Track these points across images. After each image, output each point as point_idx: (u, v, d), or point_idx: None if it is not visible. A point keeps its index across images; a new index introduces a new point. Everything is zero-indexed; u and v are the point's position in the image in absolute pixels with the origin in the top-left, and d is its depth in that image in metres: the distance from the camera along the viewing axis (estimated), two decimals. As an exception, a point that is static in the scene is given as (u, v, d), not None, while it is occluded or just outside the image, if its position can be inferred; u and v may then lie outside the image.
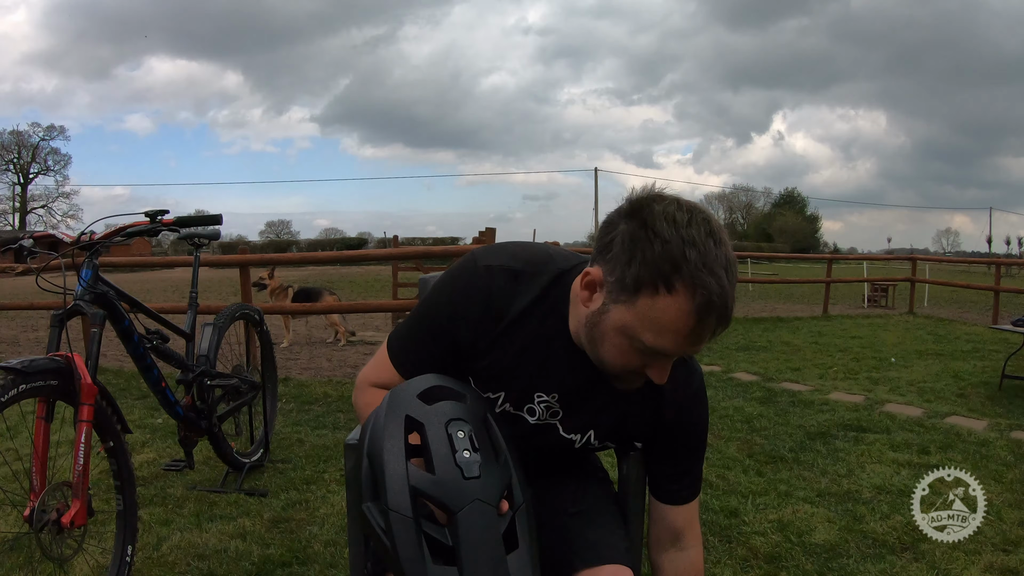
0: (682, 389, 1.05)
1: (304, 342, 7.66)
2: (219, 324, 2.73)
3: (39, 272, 1.87)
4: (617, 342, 0.90)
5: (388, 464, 0.84)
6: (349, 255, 7.34)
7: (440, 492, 0.83)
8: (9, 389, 1.56)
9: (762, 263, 28.21)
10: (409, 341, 1.06)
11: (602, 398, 1.04)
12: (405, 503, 0.82)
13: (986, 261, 23.72)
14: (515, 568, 0.84)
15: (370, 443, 0.87)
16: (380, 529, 0.83)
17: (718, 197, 69.07)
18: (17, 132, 50.18)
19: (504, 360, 1.02)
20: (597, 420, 1.06)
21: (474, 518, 0.83)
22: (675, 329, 0.85)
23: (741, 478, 2.93)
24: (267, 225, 64.55)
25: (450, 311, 1.01)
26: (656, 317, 0.85)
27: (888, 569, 2.10)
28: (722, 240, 0.85)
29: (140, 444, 3.35)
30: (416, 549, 0.81)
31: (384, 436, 0.86)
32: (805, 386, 4.90)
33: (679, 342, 0.86)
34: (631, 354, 0.90)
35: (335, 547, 2.25)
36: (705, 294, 0.82)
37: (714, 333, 0.86)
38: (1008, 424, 3.80)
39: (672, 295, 0.83)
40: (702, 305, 0.82)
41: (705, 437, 1.12)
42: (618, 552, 1.06)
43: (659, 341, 0.86)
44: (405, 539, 0.81)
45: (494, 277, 1.00)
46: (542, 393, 1.04)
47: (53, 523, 1.65)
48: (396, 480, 0.83)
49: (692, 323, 0.84)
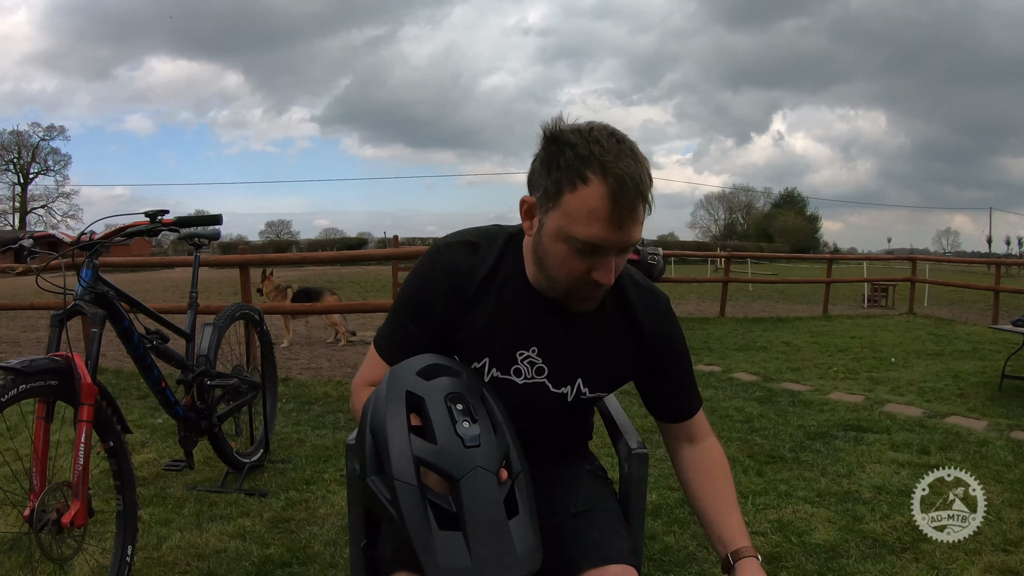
0: (651, 310, 1.12)
1: (304, 342, 7.66)
2: (219, 324, 2.73)
3: (39, 272, 1.87)
4: (557, 250, 0.98)
5: (391, 437, 0.87)
6: (349, 255, 7.36)
7: (442, 461, 0.86)
8: (9, 389, 1.56)
9: (762, 263, 28.20)
10: (392, 331, 1.12)
11: (580, 342, 1.10)
12: (409, 472, 0.85)
13: (986, 261, 23.72)
14: (517, 532, 0.87)
15: (372, 419, 0.90)
16: (386, 500, 0.85)
17: (718, 197, 69.21)
18: (17, 132, 50.29)
19: (479, 325, 1.08)
20: (581, 366, 1.11)
21: (476, 484, 0.86)
22: (598, 215, 0.92)
23: (741, 478, 2.93)
24: (267, 225, 64.70)
25: (422, 291, 1.09)
26: (580, 208, 0.93)
27: (888, 569, 2.10)
28: (624, 138, 0.95)
29: (140, 444, 3.35)
30: (422, 516, 0.84)
31: (386, 411, 0.89)
32: (805, 386, 4.90)
33: (606, 227, 0.93)
34: (572, 259, 0.97)
35: (335, 547, 2.25)
36: (617, 175, 0.91)
37: (634, 212, 0.94)
38: (1008, 424, 3.80)
39: (589, 185, 0.92)
40: (615, 186, 0.91)
41: (687, 351, 1.17)
42: (623, 552, 1.06)
43: (589, 231, 0.94)
44: (411, 507, 0.84)
45: (454, 252, 1.10)
46: (523, 350, 1.09)
47: (53, 523, 1.65)
48: (400, 451, 0.86)
49: (611, 205, 0.92)
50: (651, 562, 2.17)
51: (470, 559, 0.83)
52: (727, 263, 11.09)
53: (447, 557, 0.83)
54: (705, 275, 18.79)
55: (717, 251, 26.76)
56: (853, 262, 23.04)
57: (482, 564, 0.83)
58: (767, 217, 64.77)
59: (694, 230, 67.25)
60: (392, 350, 1.10)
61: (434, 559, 0.82)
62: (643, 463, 1.20)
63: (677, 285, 15.85)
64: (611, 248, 0.96)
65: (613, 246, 0.96)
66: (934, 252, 58.14)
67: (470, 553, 0.83)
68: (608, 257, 0.97)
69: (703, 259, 30.26)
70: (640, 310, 1.11)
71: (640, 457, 1.20)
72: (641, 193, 0.93)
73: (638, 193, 0.93)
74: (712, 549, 1.23)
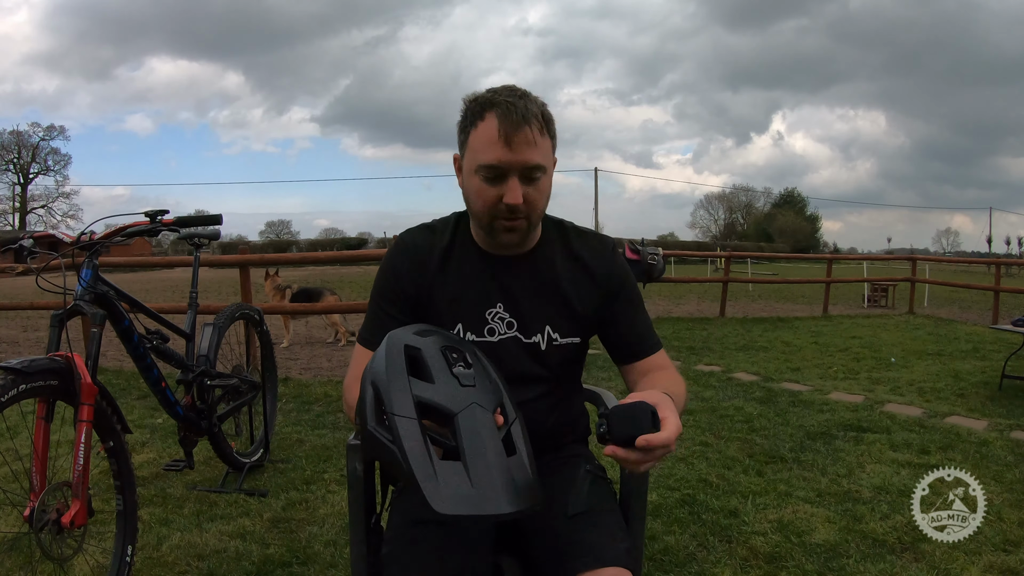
0: (599, 255, 1.23)
1: (304, 342, 7.66)
2: (219, 324, 2.73)
3: (39, 272, 1.87)
4: (473, 185, 1.12)
5: (391, 382, 0.91)
6: (349, 255, 7.35)
7: (440, 397, 0.91)
8: (9, 389, 1.56)
9: (762, 263, 28.20)
10: (372, 319, 1.23)
11: (540, 291, 1.20)
12: (409, 408, 0.88)
13: (986, 261, 23.70)
14: (515, 468, 0.89)
15: (373, 371, 0.94)
16: (387, 440, 0.87)
17: (718, 197, 69.18)
18: (17, 132, 50.30)
19: (447, 295, 1.20)
20: (545, 312, 1.20)
21: (473, 418, 0.90)
22: (492, 140, 1.07)
23: (741, 478, 2.93)
24: (267, 225, 64.72)
25: (391, 274, 1.21)
26: (479, 140, 1.09)
27: (888, 569, 2.10)
28: (516, 88, 1.12)
29: (140, 444, 3.35)
30: (422, 447, 0.86)
31: (385, 362, 0.93)
32: (805, 386, 4.90)
33: (500, 149, 1.07)
34: (484, 188, 1.10)
35: (335, 547, 2.25)
36: (503, 105, 1.07)
37: (522, 134, 1.06)
38: (1008, 424, 3.80)
39: (485, 120, 1.08)
40: (502, 114, 1.07)
41: (639, 293, 1.28)
42: (619, 555, 1.06)
43: (487, 155, 1.08)
44: (411, 440, 0.86)
45: (413, 235, 1.25)
46: (490, 308, 1.20)
47: (53, 523, 1.65)
48: (399, 392, 0.90)
49: (500, 129, 1.06)
50: (651, 562, 2.17)
51: (471, 485, 0.85)
52: (727, 263, 11.08)
53: (448, 484, 0.84)
54: (705, 275, 18.79)
55: (717, 251, 26.76)
56: (853, 262, 23.04)
57: (483, 490, 0.84)
58: (767, 217, 64.76)
59: (694, 230, 67.35)
60: (373, 334, 1.19)
61: (436, 487, 0.83)
62: None
63: (677, 285, 15.87)
64: (509, 168, 1.08)
65: (509, 166, 1.08)
66: (934, 252, 58.15)
67: (470, 480, 0.85)
68: (511, 179, 1.08)
69: (703, 259, 30.27)
70: (588, 256, 1.23)
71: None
72: (525, 118, 1.06)
73: (522, 118, 1.06)
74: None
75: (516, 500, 0.86)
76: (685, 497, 2.69)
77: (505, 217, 1.11)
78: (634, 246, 8.44)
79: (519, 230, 1.13)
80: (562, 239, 1.24)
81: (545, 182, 1.12)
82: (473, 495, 0.84)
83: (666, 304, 12.27)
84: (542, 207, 1.14)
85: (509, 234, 1.13)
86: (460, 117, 1.14)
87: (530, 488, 0.89)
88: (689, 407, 4.19)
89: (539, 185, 1.11)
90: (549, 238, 1.24)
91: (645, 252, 8.34)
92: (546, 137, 1.11)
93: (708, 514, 2.53)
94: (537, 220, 1.15)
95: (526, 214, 1.11)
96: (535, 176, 1.10)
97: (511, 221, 1.11)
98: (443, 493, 0.83)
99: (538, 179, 1.10)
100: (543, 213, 1.17)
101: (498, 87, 1.12)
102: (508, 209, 1.09)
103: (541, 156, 1.09)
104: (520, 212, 1.10)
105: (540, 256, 1.22)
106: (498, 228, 1.13)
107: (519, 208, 1.09)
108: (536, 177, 1.10)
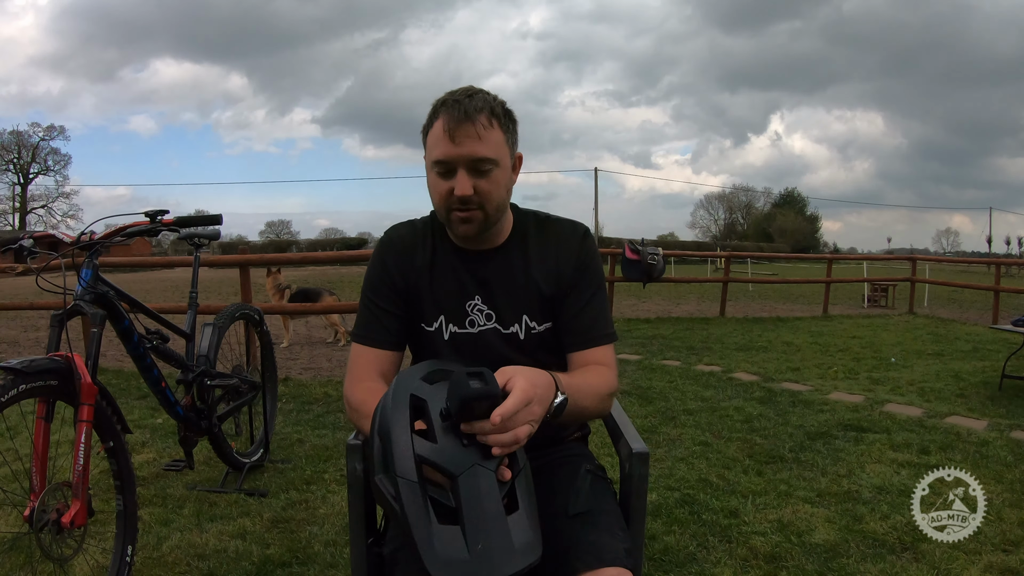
0: (567, 240, 1.26)
1: (304, 342, 7.66)
2: (219, 324, 2.72)
3: (39, 272, 1.86)
4: (430, 181, 1.17)
5: (396, 439, 0.92)
6: (349, 255, 7.34)
7: (442, 458, 0.91)
8: (9, 389, 1.56)
9: (762, 263, 28.21)
10: (364, 316, 1.26)
11: (513, 281, 1.23)
12: (411, 469, 0.89)
13: (986, 261, 23.71)
14: (515, 527, 0.90)
15: (380, 423, 0.95)
16: (390, 496, 0.90)
17: (718, 197, 69.14)
18: (17, 132, 50.22)
19: (430, 287, 1.24)
20: (521, 302, 1.23)
21: (474, 480, 0.90)
22: (440, 137, 1.13)
23: (741, 478, 2.93)
24: (267, 225, 64.67)
25: (380, 268, 1.25)
26: (432, 137, 1.15)
27: (888, 569, 2.10)
28: (470, 87, 1.17)
29: (140, 444, 3.35)
30: (422, 510, 0.88)
31: (392, 415, 0.94)
32: (805, 386, 4.90)
33: (447, 143, 1.12)
34: (437, 182, 1.16)
35: (335, 547, 2.25)
36: (450, 104, 1.13)
37: (465, 129, 1.11)
38: (1008, 424, 3.79)
39: (437, 119, 1.15)
40: (447, 112, 1.13)
41: (603, 279, 1.28)
42: (618, 555, 1.05)
43: (437, 151, 1.13)
44: (412, 502, 0.88)
45: (398, 230, 1.29)
46: (469, 300, 1.23)
47: (53, 523, 1.65)
48: (403, 451, 0.91)
49: (446, 126, 1.12)
50: (651, 562, 2.17)
51: (467, 551, 0.86)
52: (727, 263, 11.08)
53: (445, 549, 0.86)
54: (705, 275, 18.79)
55: (717, 251, 26.76)
56: (853, 262, 23.04)
57: (478, 557, 0.86)
58: (767, 217, 64.74)
59: (694, 230, 67.33)
60: (368, 332, 1.24)
61: (433, 551, 0.86)
62: (644, 463, 1.20)
63: (677, 285, 15.87)
64: (456, 162, 1.13)
65: (456, 159, 1.12)
66: (934, 252, 58.14)
67: (467, 546, 0.86)
68: (460, 172, 1.13)
69: (703, 259, 30.28)
70: (555, 240, 1.26)
71: (641, 457, 1.20)
72: (468, 115, 1.11)
73: (465, 114, 1.11)
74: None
75: (511, 562, 0.88)
76: (685, 497, 2.69)
77: (458, 208, 1.15)
78: (634, 246, 8.44)
79: (474, 221, 1.16)
80: (536, 228, 1.27)
81: (499, 174, 1.15)
82: (467, 561, 0.86)
83: (666, 304, 12.27)
84: (497, 198, 1.16)
85: (465, 225, 1.16)
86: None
87: (528, 547, 0.90)
88: (689, 407, 4.20)
89: (492, 177, 1.14)
90: (521, 230, 1.27)
91: (645, 252, 8.34)
92: (495, 130, 1.14)
93: (708, 514, 2.53)
94: (495, 211, 1.17)
95: (479, 204, 1.14)
96: (484, 168, 1.13)
97: (464, 212, 1.15)
98: (440, 558, 0.85)
99: (489, 171, 1.14)
100: (501, 205, 1.19)
101: (456, 89, 1.17)
102: (459, 200, 1.14)
103: (488, 149, 1.13)
104: (472, 203, 1.14)
105: (512, 247, 1.25)
106: (454, 220, 1.17)
107: (470, 199, 1.13)
108: (486, 169, 1.14)
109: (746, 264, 22.02)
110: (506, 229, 1.25)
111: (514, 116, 1.19)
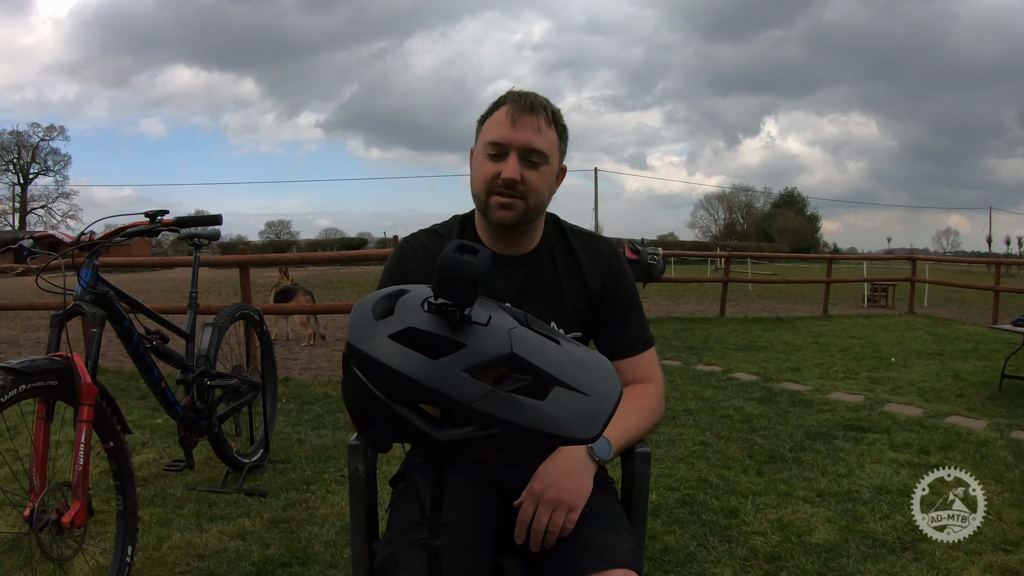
0: (595, 255, 1.27)
1: (304, 342, 7.65)
2: (219, 324, 2.73)
3: (39, 272, 1.87)
4: (476, 163, 1.19)
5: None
6: (349, 255, 7.37)
7: (482, 345, 0.72)
8: (9, 389, 1.56)
9: (762, 263, 28.19)
10: None
11: (543, 289, 1.24)
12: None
13: (986, 261, 23.70)
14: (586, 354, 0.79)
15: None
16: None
17: (718, 197, 69.09)
18: (17, 132, 50.15)
19: None
20: (549, 311, 1.23)
21: (527, 342, 0.74)
22: (501, 121, 1.16)
23: (741, 478, 2.93)
24: (267, 225, 64.54)
25: (399, 274, 1.23)
26: (491, 124, 1.18)
27: (888, 569, 2.10)
28: (528, 92, 1.20)
29: (140, 444, 3.35)
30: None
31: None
32: (805, 386, 4.90)
33: (506, 127, 1.15)
34: (485, 164, 1.17)
35: (335, 547, 2.25)
36: (514, 95, 1.18)
37: (527, 118, 1.14)
38: (1008, 424, 3.79)
39: (499, 108, 1.18)
40: (512, 102, 1.17)
41: (635, 290, 1.30)
42: (624, 556, 1.05)
43: (494, 133, 1.16)
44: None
45: (419, 238, 1.27)
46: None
47: (53, 523, 1.65)
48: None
49: (509, 112, 1.15)
50: (651, 562, 2.17)
51: (584, 393, 0.72)
52: (727, 263, 11.08)
53: (559, 408, 0.71)
54: (705, 275, 18.79)
55: (717, 251, 26.75)
56: (853, 262, 23.03)
57: (593, 392, 0.73)
58: (767, 217, 64.69)
59: (694, 230, 67.22)
60: None
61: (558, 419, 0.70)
62: (646, 463, 1.20)
63: (677, 285, 15.86)
64: (510, 145, 1.14)
65: (511, 143, 1.14)
66: (934, 252, 58.08)
67: (580, 393, 0.72)
68: (511, 156, 1.14)
69: (703, 259, 30.24)
70: (584, 258, 1.26)
71: (643, 456, 1.20)
72: (531, 107, 1.15)
73: (529, 106, 1.15)
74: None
75: (615, 378, 0.77)
76: (685, 497, 2.69)
77: (501, 192, 1.15)
78: (634, 246, 8.44)
79: (514, 208, 1.16)
80: (562, 240, 1.28)
81: (546, 171, 1.17)
82: (590, 399, 0.72)
83: (666, 304, 12.27)
84: (540, 193, 1.17)
85: (503, 211, 1.16)
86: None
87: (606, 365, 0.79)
88: (689, 407, 4.19)
89: (540, 170, 1.16)
90: (549, 239, 1.27)
91: (645, 252, 8.34)
92: (552, 131, 1.17)
93: (708, 514, 2.53)
94: (535, 207, 1.18)
95: (522, 194, 1.15)
96: (535, 160, 1.15)
97: (507, 197, 1.15)
98: (567, 418, 0.70)
99: (538, 164, 1.15)
100: (541, 203, 1.19)
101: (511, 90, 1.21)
102: (505, 184, 1.14)
103: (543, 144, 1.15)
104: (516, 190, 1.14)
105: (541, 256, 1.25)
106: (493, 204, 1.17)
107: (516, 184, 1.14)
108: (536, 162, 1.15)
109: (746, 264, 21.99)
110: (537, 235, 1.26)
111: (567, 131, 1.22)
